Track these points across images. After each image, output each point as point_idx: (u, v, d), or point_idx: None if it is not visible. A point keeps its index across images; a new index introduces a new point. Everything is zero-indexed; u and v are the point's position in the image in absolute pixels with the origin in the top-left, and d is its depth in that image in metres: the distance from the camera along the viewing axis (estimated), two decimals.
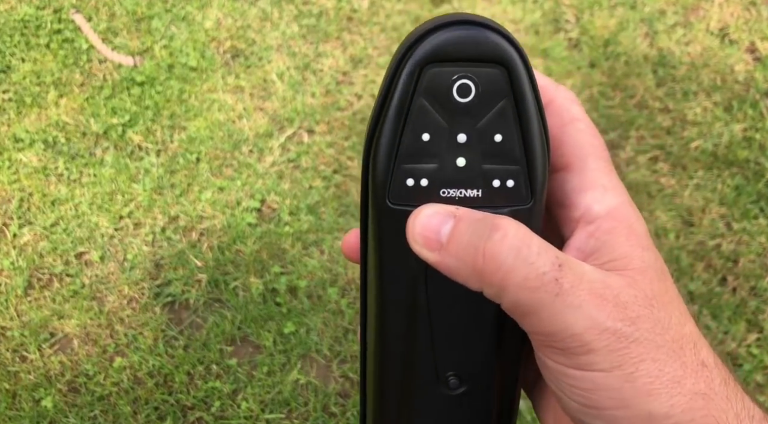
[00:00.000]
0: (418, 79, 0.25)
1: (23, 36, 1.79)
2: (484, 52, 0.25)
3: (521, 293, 0.24)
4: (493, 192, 0.26)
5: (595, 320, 0.24)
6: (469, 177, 0.26)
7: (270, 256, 1.40)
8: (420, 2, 1.82)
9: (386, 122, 0.26)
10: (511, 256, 0.24)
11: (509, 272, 0.24)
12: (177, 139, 1.59)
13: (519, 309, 0.24)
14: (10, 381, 1.27)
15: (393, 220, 0.27)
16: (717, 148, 1.53)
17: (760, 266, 1.36)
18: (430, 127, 0.26)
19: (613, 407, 0.24)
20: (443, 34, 0.25)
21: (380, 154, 0.26)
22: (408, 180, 0.26)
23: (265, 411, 1.22)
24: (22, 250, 1.43)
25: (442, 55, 0.25)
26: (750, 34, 1.71)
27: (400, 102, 0.25)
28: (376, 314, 0.29)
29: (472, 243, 0.24)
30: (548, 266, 0.24)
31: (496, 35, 0.25)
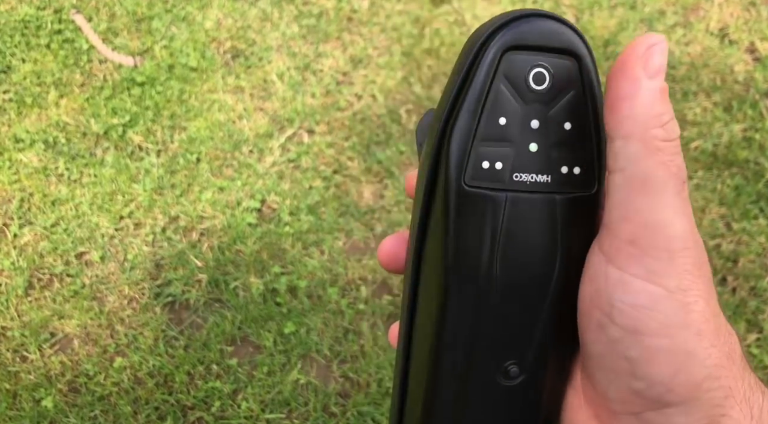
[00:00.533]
0: (498, 64, 0.26)
1: (24, 36, 1.79)
2: (560, 44, 0.26)
3: (660, 169, 0.24)
4: (562, 178, 0.27)
5: (687, 236, 0.24)
6: (540, 162, 0.27)
7: (270, 256, 1.40)
8: (420, 3, 1.82)
9: (465, 104, 0.27)
10: (676, 142, 0.25)
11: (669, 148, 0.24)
12: (177, 139, 1.59)
13: (644, 184, 0.24)
14: (11, 381, 1.27)
15: (467, 201, 0.27)
16: (717, 148, 1.53)
17: (760, 266, 1.36)
18: (506, 112, 0.26)
19: (659, 333, 0.24)
20: (523, 24, 0.26)
21: (458, 134, 0.27)
22: (484, 162, 0.27)
23: (266, 411, 1.22)
24: (23, 250, 1.44)
25: (522, 42, 0.26)
26: (750, 35, 1.72)
27: (481, 85, 0.26)
28: (439, 303, 0.29)
29: (667, 109, 0.25)
30: (684, 171, 0.25)
31: (570, 30, 0.27)
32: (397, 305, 1.33)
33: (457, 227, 0.27)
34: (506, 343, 0.29)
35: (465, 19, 1.78)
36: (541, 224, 0.27)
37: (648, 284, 0.24)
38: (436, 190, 0.28)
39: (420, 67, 1.70)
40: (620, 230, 0.25)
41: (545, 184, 0.27)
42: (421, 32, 1.77)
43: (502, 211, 0.27)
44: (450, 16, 1.80)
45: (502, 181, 0.27)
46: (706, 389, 0.24)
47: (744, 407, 0.24)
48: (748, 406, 0.25)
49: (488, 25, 0.27)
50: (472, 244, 0.27)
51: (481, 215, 0.27)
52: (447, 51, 1.73)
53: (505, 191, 0.27)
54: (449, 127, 0.27)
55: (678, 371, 0.24)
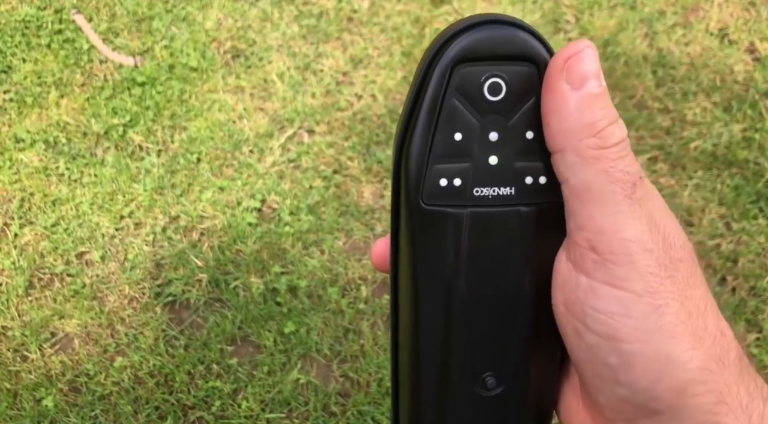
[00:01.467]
0: (449, 79, 0.25)
1: (24, 36, 1.79)
2: (514, 51, 0.25)
3: (600, 176, 0.24)
4: (526, 189, 0.27)
5: (644, 238, 0.24)
6: (501, 175, 0.26)
7: (270, 256, 1.40)
8: (420, 3, 1.83)
9: (418, 123, 0.26)
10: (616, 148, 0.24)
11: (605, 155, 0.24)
12: (177, 139, 1.59)
13: (586, 193, 0.24)
14: (11, 381, 1.27)
15: (427, 220, 0.27)
16: (716, 148, 1.53)
17: (760, 266, 1.36)
18: (462, 127, 0.26)
19: (633, 339, 0.23)
20: (472, 34, 0.25)
21: (413, 154, 0.26)
22: (441, 180, 0.26)
23: (266, 411, 1.22)
24: (23, 250, 1.44)
25: (472, 54, 0.25)
26: (749, 35, 1.72)
27: (432, 102, 0.26)
28: (411, 315, 0.29)
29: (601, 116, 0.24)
30: (634, 171, 0.24)
31: (525, 33, 0.25)
32: None
33: (420, 245, 0.27)
34: (481, 355, 0.29)
35: None
36: (507, 237, 0.27)
37: (616, 290, 0.24)
38: (399, 208, 0.28)
39: None
40: (579, 238, 0.25)
41: (508, 196, 0.27)
42: (421, 32, 1.77)
43: (463, 227, 0.27)
44: (450, 16, 1.80)
45: (462, 197, 0.26)
46: (691, 394, 0.23)
47: (740, 415, 0.24)
48: (746, 413, 0.24)
49: (439, 37, 0.26)
50: (437, 261, 0.27)
51: (443, 233, 0.27)
52: None
53: (465, 207, 0.27)
54: (405, 147, 0.27)
55: (659, 376, 0.23)
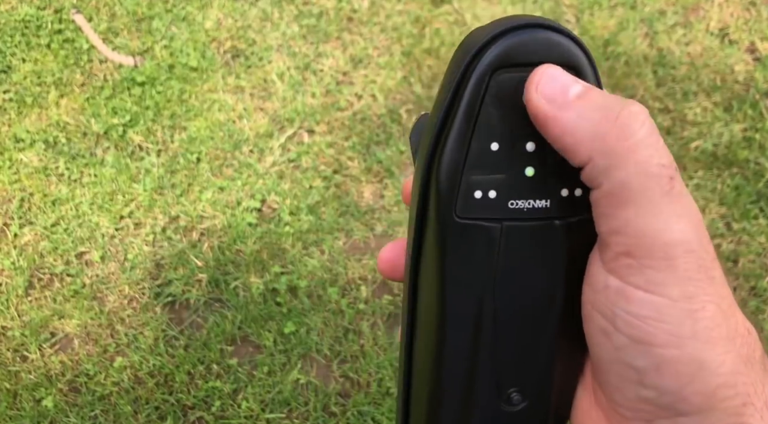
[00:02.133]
0: (487, 85, 0.24)
1: (24, 36, 1.79)
2: (554, 56, 0.24)
3: (635, 173, 0.22)
4: (562, 202, 0.25)
5: (688, 238, 0.22)
6: (537, 187, 0.25)
7: (270, 256, 1.40)
8: (420, 2, 1.82)
9: (453, 131, 0.25)
10: (644, 130, 0.22)
11: (637, 145, 0.22)
12: (177, 139, 1.59)
13: (623, 195, 0.22)
14: (11, 381, 1.27)
15: (460, 233, 0.26)
16: (717, 148, 1.53)
17: (760, 266, 1.36)
18: (498, 136, 0.25)
19: (666, 344, 0.22)
20: (511, 38, 0.24)
21: (446, 164, 0.25)
22: (476, 192, 0.25)
23: (266, 411, 1.22)
24: (23, 250, 1.44)
25: (511, 59, 0.24)
26: (750, 34, 1.72)
27: (469, 110, 0.24)
28: (436, 329, 0.28)
29: (607, 105, 0.23)
30: (669, 162, 0.22)
31: (565, 38, 0.24)
32: (398, 305, 1.33)
33: (451, 259, 0.26)
34: (508, 370, 0.28)
35: (465, 19, 1.78)
36: (542, 251, 0.26)
37: (650, 295, 0.22)
38: (427, 220, 0.26)
39: (420, 67, 1.70)
40: (613, 243, 0.23)
41: (544, 209, 0.26)
42: (422, 32, 1.77)
43: (497, 241, 0.26)
44: (450, 15, 1.80)
45: (497, 210, 0.25)
46: (721, 399, 0.22)
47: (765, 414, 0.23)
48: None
49: (475, 39, 0.25)
50: (468, 276, 0.26)
51: (476, 247, 0.26)
52: (447, 51, 1.73)
53: (500, 221, 0.26)
54: (437, 156, 0.25)
55: (689, 380, 0.22)
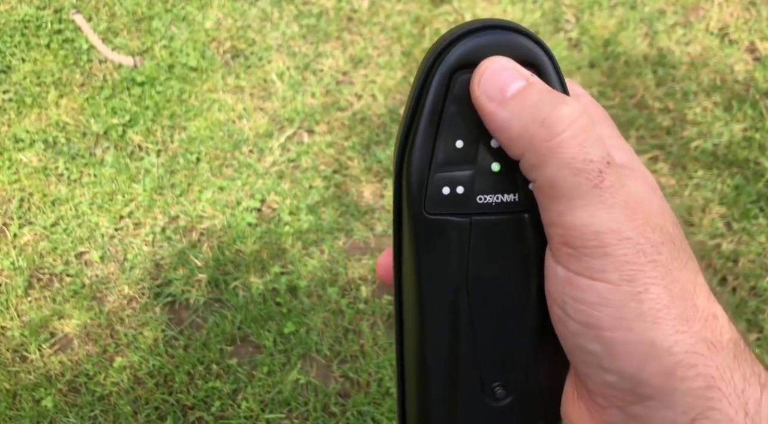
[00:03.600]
0: (449, 85, 0.25)
1: (23, 36, 1.79)
2: (514, 56, 0.25)
3: (562, 170, 0.23)
4: (530, 195, 0.26)
5: (620, 226, 0.23)
6: (504, 182, 0.26)
7: (270, 256, 1.40)
8: (420, 2, 1.82)
9: (419, 131, 0.26)
10: (570, 131, 0.23)
11: (560, 145, 0.23)
12: (177, 139, 1.59)
13: (552, 190, 0.24)
14: (11, 381, 1.27)
15: (430, 230, 0.26)
16: (717, 148, 1.53)
17: (760, 266, 1.36)
18: (463, 134, 0.26)
19: (614, 327, 0.23)
20: (472, 40, 0.25)
21: (414, 163, 0.26)
22: (444, 188, 0.26)
23: (265, 411, 1.22)
24: (23, 250, 1.44)
25: (472, 60, 0.25)
26: (750, 34, 1.71)
27: (433, 109, 0.25)
28: (417, 326, 0.28)
29: (537, 106, 0.24)
30: (598, 157, 0.23)
31: (525, 38, 0.25)
32: None
33: (424, 254, 0.27)
34: (490, 365, 0.28)
35: (465, 19, 1.78)
36: (512, 244, 0.27)
37: (592, 281, 0.23)
38: (402, 218, 0.27)
39: None
40: (554, 234, 0.24)
41: (512, 203, 0.26)
42: (421, 32, 1.76)
43: (467, 235, 0.26)
44: (450, 15, 1.80)
45: (466, 206, 0.26)
46: (680, 378, 0.23)
47: (734, 400, 0.23)
48: (741, 399, 0.23)
49: (438, 43, 0.26)
50: (441, 271, 0.27)
51: (447, 242, 0.26)
52: None
53: (469, 216, 0.26)
54: (406, 156, 0.26)
55: (644, 362, 0.23)
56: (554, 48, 1.72)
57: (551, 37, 1.75)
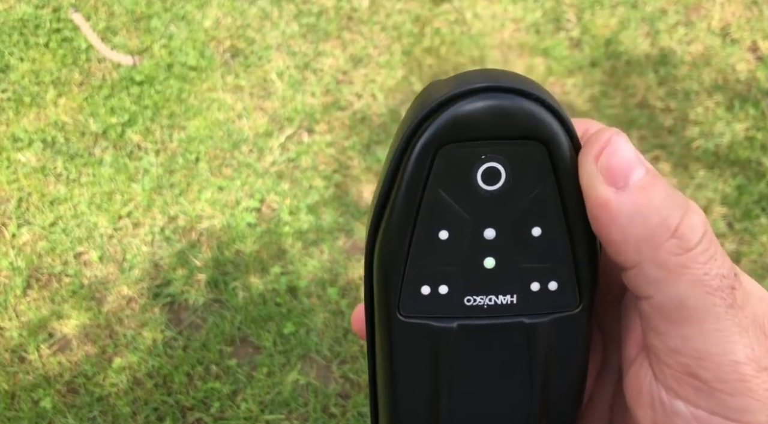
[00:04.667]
0: (431, 163, 0.20)
1: (22, 35, 1.78)
2: (516, 127, 0.20)
3: (695, 289, 0.19)
4: (532, 297, 0.22)
5: (757, 353, 0.19)
6: (500, 280, 0.22)
7: (270, 256, 1.39)
8: (420, 1, 1.82)
9: (393, 217, 0.21)
10: (703, 244, 0.20)
11: (694, 260, 0.19)
12: (176, 138, 1.58)
13: (680, 311, 0.19)
14: (9, 382, 1.26)
15: (406, 335, 0.22)
16: (719, 147, 1.52)
17: (762, 266, 1.35)
18: (448, 223, 0.21)
19: None
20: (461, 106, 0.20)
21: (387, 256, 0.22)
22: (423, 287, 0.22)
23: (265, 412, 1.21)
24: (21, 250, 1.43)
25: (460, 132, 0.20)
26: (752, 33, 1.71)
27: (410, 192, 0.21)
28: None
29: (667, 210, 0.20)
30: (728, 270, 0.20)
31: (530, 102, 0.20)
32: None
33: (400, 363, 0.23)
34: None
35: (465, 18, 1.78)
36: (509, 354, 0.22)
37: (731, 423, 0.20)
38: (374, 316, 0.23)
39: (420, 66, 1.69)
40: (673, 362, 0.20)
41: (509, 306, 0.22)
42: (422, 31, 1.76)
43: (452, 344, 0.22)
44: (450, 14, 1.79)
45: (450, 308, 0.22)
46: None
47: None
48: None
49: (419, 106, 0.21)
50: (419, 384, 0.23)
51: (427, 351, 0.22)
52: (447, 50, 1.72)
53: (454, 319, 0.22)
54: (378, 246, 0.22)
55: None
56: (555, 47, 1.72)
57: (552, 37, 1.74)
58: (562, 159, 0.21)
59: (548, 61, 1.70)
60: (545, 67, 1.68)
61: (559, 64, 1.69)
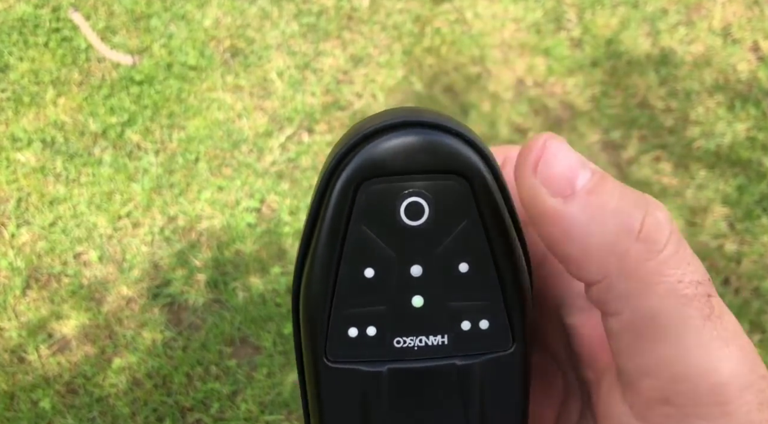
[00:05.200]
0: (353, 199, 0.20)
1: (21, 35, 1.78)
2: (436, 161, 0.20)
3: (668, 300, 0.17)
4: (463, 337, 0.21)
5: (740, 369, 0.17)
6: (430, 320, 0.21)
7: (270, 256, 1.39)
8: (420, 1, 1.81)
9: (317, 257, 0.20)
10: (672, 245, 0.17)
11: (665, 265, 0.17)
12: (176, 138, 1.58)
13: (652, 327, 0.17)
14: (8, 382, 1.26)
15: (334, 380, 0.21)
16: (720, 148, 1.52)
17: (763, 267, 1.35)
18: (374, 260, 0.21)
19: None
20: (383, 141, 0.20)
21: (311, 297, 0.21)
22: (350, 329, 0.21)
23: (265, 412, 1.21)
24: (20, 250, 1.43)
25: (381, 168, 0.20)
26: (753, 33, 1.70)
27: (332, 230, 0.20)
28: None
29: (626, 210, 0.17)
30: (702, 275, 0.17)
31: (450, 138, 0.20)
32: None
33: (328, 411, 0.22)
34: None
35: (466, 18, 1.77)
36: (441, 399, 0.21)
37: None
38: (303, 362, 0.22)
39: (421, 66, 1.69)
40: (644, 388, 0.18)
41: (440, 347, 0.21)
42: (422, 31, 1.75)
43: (382, 388, 0.21)
44: (451, 14, 1.79)
45: (379, 351, 0.21)
46: None
47: None
48: None
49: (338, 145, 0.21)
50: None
51: (354, 396, 0.21)
52: (448, 50, 1.72)
53: (383, 363, 0.21)
54: (302, 288, 0.21)
55: None
56: (556, 47, 1.71)
57: (553, 36, 1.74)
58: (484, 192, 0.20)
59: (549, 60, 1.69)
60: (546, 67, 1.67)
61: (559, 63, 1.68)
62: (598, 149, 1.53)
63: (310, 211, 0.21)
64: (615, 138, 1.55)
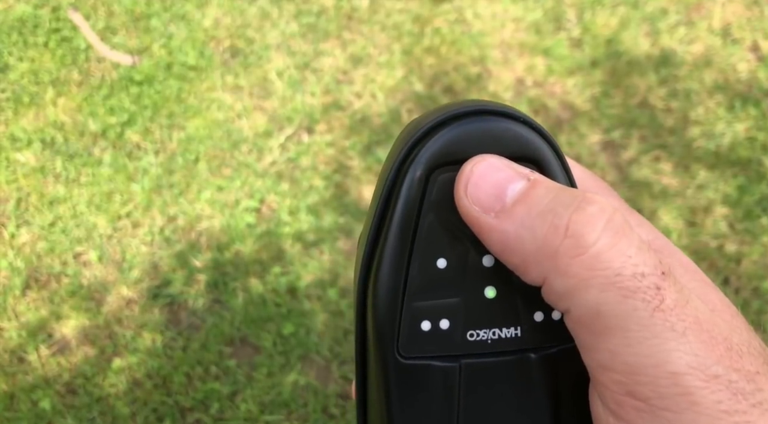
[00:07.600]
0: (425, 188, 0.20)
1: (21, 35, 1.78)
2: (509, 149, 0.20)
3: (608, 293, 0.17)
4: (536, 328, 0.21)
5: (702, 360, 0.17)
6: (502, 312, 0.21)
7: (269, 256, 1.39)
8: (420, 1, 1.81)
9: (387, 248, 0.20)
10: (606, 238, 0.17)
11: (598, 258, 0.17)
12: (176, 138, 1.58)
13: (598, 322, 0.17)
14: (8, 382, 1.26)
15: (406, 377, 0.21)
16: (720, 148, 1.52)
17: (763, 267, 1.35)
18: (445, 250, 0.20)
19: None
20: (453, 129, 0.20)
21: (383, 291, 0.20)
22: (423, 323, 0.20)
23: (265, 412, 1.21)
24: (20, 250, 1.43)
25: (452, 156, 0.20)
26: (753, 33, 1.70)
27: (404, 220, 0.20)
28: None
29: (553, 211, 0.18)
30: (650, 267, 0.17)
31: (521, 126, 0.20)
32: None
33: (399, 411, 0.21)
34: None
35: (466, 18, 1.77)
36: (516, 393, 0.21)
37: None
38: (368, 359, 0.22)
39: (420, 66, 1.69)
40: (608, 381, 0.18)
41: (514, 339, 0.21)
42: (422, 31, 1.75)
43: (456, 385, 0.21)
44: (450, 14, 1.79)
45: (453, 345, 0.21)
46: None
47: None
48: None
49: (410, 130, 0.21)
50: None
51: (428, 393, 0.21)
52: (447, 50, 1.71)
53: (457, 358, 0.21)
54: (370, 282, 0.21)
55: None
56: (556, 47, 1.71)
57: (553, 36, 1.74)
58: (555, 178, 0.20)
59: (548, 60, 1.69)
60: (545, 67, 1.67)
61: (559, 63, 1.68)
62: (598, 149, 1.53)
63: (378, 201, 0.20)
64: (615, 138, 1.55)
